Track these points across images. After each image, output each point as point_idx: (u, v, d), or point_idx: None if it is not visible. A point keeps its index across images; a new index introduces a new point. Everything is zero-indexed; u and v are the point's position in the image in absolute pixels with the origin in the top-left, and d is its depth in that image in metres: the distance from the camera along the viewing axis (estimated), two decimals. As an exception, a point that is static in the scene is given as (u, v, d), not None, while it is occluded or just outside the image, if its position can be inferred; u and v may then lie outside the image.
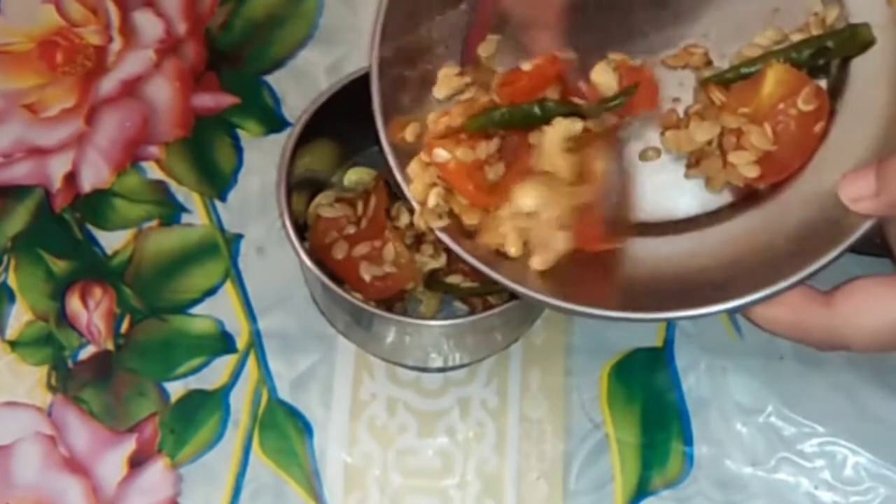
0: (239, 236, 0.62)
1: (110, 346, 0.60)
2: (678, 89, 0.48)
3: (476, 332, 0.53)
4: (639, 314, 0.44)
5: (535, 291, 0.45)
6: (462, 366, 0.58)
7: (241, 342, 0.60)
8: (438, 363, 0.56)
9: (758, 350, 0.59)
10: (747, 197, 0.46)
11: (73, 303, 0.60)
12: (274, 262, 0.61)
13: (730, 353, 0.59)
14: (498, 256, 0.46)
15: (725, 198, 0.46)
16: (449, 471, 0.57)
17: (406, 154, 0.48)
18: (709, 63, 0.48)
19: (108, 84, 0.65)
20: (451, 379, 0.59)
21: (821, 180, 0.44)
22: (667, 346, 0.59)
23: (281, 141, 0.53)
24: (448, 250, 0.53)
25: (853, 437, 0.57)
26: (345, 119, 0.55)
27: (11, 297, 0.61)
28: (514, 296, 0.50)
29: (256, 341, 0.60)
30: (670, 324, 0.60)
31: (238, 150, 0.64)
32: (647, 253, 0.46)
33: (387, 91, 0.49)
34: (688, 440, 0.57)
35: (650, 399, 0.58)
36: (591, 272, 0.46)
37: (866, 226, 0.42)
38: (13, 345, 0.60)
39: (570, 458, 0.57)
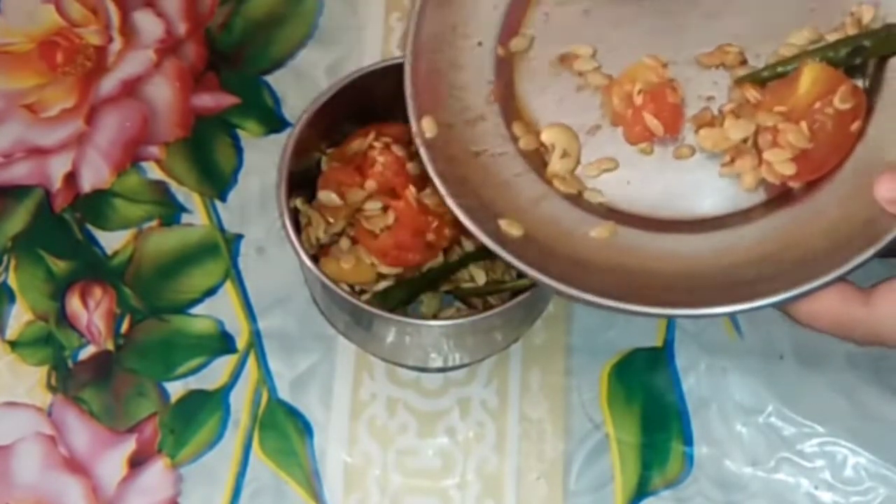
0: (239, 236, 0.62)
1: (110, 346, 0.60)
2: (712, 88, 0.48)
3: (476, 332, 0.53)
4: (672, 310, 0.44)
5: (564, 285, 0.45)
6: (462, 366, 0.58)
7: (241, 342, 0.60)
8: (438, 363, 0.56)
9: (758, 350, 0.59)
10: (781, 196, 0.46)
11: (73, 303, 0.60)
12: (274, 262, 0.61)
13: (730, 353, 0.59)
14: (522, 243, 0.46)
15: (759, 196, 0.46)
16: (449, 471, 0.57)
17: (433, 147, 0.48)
18: (743, 62, 0.48)
19: (108, 84, 0.65)
20: (451, 379, 0.59)
21: (857, 179, 0.44)
22: (667, 346, 0.59)
23: (281, 141, 0.52)
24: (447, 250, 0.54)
25: (853, 437, 0.57)
26: (345, 119, 0.55)
27: (11, 297, 0.61)
28: (514, 296, 0.50)
29: (256, 341, 0.60)
30: (670, 324, 0.60)
31: (238, 150, 0.64)
32: (680, 249, 0.46)
33: (420, 82, 0.49)
34: (688, 440, 0.57)
35: (650, 399, 0.58)
36: (622, 266, 0.46)
37: None
38: (13, 345, 0.60)
39: (570, 458, 0.57)
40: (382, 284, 0.53)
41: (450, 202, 0.47)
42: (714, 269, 0.45)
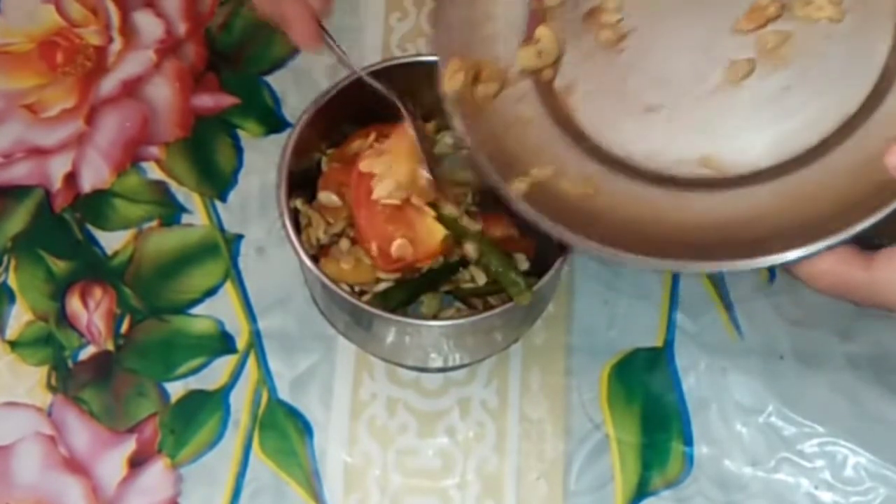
0: (239, 236, 0.62)
1: (110, 346, 0.60)
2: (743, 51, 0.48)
3: (476, 332, 0.53)
4: (684, 262, 0.44)
5: (586, 238, 0.45)
6: (462, 366, 0.58)
7: (241, 342, 0.60)
8: (438, 363, 0.56)
9: (758, 350, 0.59)
10: (795, 158, 0.46)
11: (73, 303, 0.60)
12: (274, 262, 0.61)
13: (730, 353, 0.59)
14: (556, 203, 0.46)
15: (773, 158, 0.46)
16: (449, 471, 0.57)
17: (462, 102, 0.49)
18: (783, 7, 0.48)
19: (108, 84, 0.65)
20: (451, 379, 0.59)
21: (870, 145, 0.44)
22: (667, 346, 0.59)
23: (281, 141, 0.52)
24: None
25: (853, 437, 0.57)
26: (345, 119, 0.55)
27: (11, 297, 0.61)
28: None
29: (256, 341, 0.60)
30: (671, 324, 0.60)
31: (238, 150, 0.64)
32: (693, 205, 0.46)
33: (449, 27, 0.50)
34: (688, 440, 0.57)
35: (650, 399, 0.58)
36: (635, 219, 0.46)
37: None
38: (13, 345, 0.60)
39: (570, 458, 0.57)
40: (383, 285, 0.53)
41: (471, 150, 0.48)
42: (723, 225, 0.45)
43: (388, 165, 0.51)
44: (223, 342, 0.60)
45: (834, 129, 0.46)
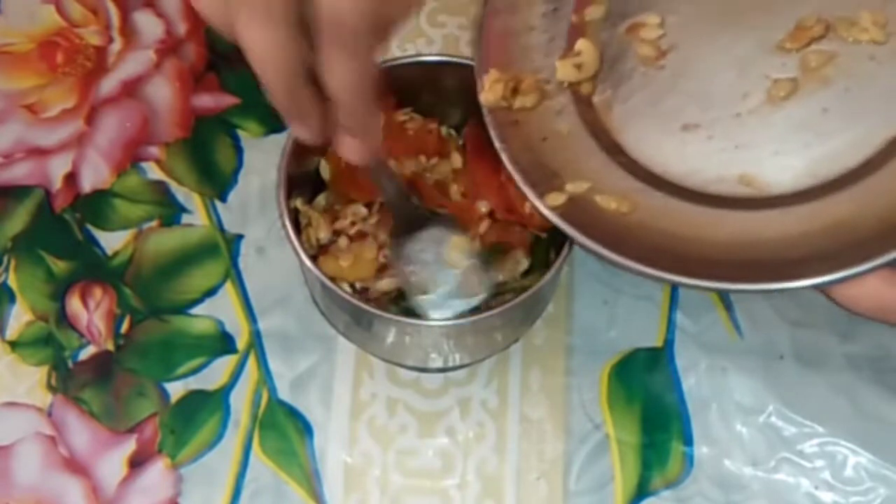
0: (239, 236, 0.62)
1: (110, 346, 0.60)
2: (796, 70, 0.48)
3: (476, 332, 0.53)
4: (725, 284, 0.44)
5: (623, 256, 0.45)
6: (462, 366, 0.58)
7: (241, 342, 0.60)
8: (438, 363, 0.56)
9: (758, 350, 0.59)
10: (837, 179, 0.46)
11: (73, 303, 0.60)
12: (274, 262, 0.61)
13: (730, 353, 0.59)
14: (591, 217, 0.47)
15: (815, 179, 0.46)
16: (449, 471, 0.57)
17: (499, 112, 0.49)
18: (828, 28, 0.48)
19: (108, 84, 0.65)
20: (451, 379, 0.59)
21: None
22: (667, 346, 0.59)
23: (281, 141, 0.52)
24: None
25: (853, 437, 0.57)
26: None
27: (11, 297, 0.61)
28: (514, 296, 0.50)
29: (256, 341, 0.60)
30: (671, 324, 0.60)
31: (238, 150, 0.64)
32: (731, 224, 0.46)
33: (490, 37, 0.50)
34: (688, 440, 0.57)
35: (650, 399, 0.58)
36: (671, 237, 0.46)
37: None
38: (13, 345, 0.60)
39: (570, 458, 0.57)
40: (385, 281, 0.53)
41: (506, 161, 0.48)
42: (762, 245, 0.45)
43: None
44: (223, 342, 0.60)
45: (875, 151, 0.46)
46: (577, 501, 0.57)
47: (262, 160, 0.63)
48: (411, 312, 0.53)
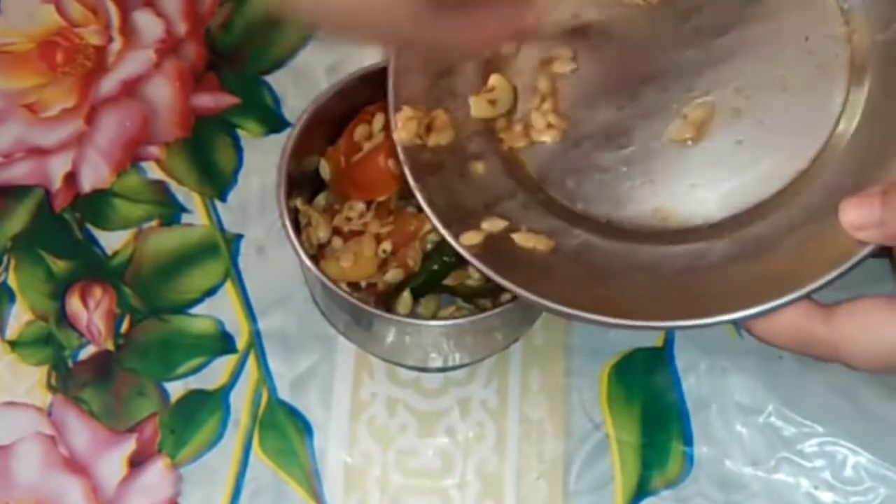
0: (239, 236, 0.62)
1: (110, 346, 0.60)
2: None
3: (476, 332, 0.53)
4: (640, 322, 0.44)
5: (544, 298, 0.44)
6: (462, 366, 0.58)
7: (241, 342, 0.60)
8: (438, 363, 0.56)
9: (758, 350, 0.58)
10: (754, 209, 0.46)
11: (73, 303, 0.60)
12: (274, 262, 0.61)
13: (730, 353, 0.59)
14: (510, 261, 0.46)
15: (731, 211, 0.46)
16: (449, 471, 0.57)
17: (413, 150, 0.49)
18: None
19: (108, 84, 0.65)
20: (451, 379, 0.59)
21: (828, 198, 0.44)
22: (667, 346, 0.59)
23: (281, 141, 0.52)
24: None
25: (853, 437, 0.57)
26: (345, 119, 0.55)
27: (11, 297, 0.61)
28: (514, 296, 0.50)
29: (256, 341, 0.60)
30: (670, 324, 0.60)
31: (238, 150, 0.64)
32: (649, 260, 0.46)
33: (403, 83, 0.49)
34: (688, 440, 0.57)
35: (650, 399, 0.58)
36: (590, 274, 0.46)
37: (866, 252, 0.41)
38: (13, 345, 0.60)
39: (570, 458, 0.57)
40: (389, 275, 0.53)
41: (422, 201, 0.47)
42: (680, 281, 0.45)
43: None
44: (223, 342, 0.60)
45: (787, 183, 0.46)
46: (577, 501, 0.57)
47: (262, 160, 0.63)
48: (411, 313, 0.53)
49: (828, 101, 0.46)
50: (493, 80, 0.50)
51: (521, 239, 0.47)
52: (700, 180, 0.47)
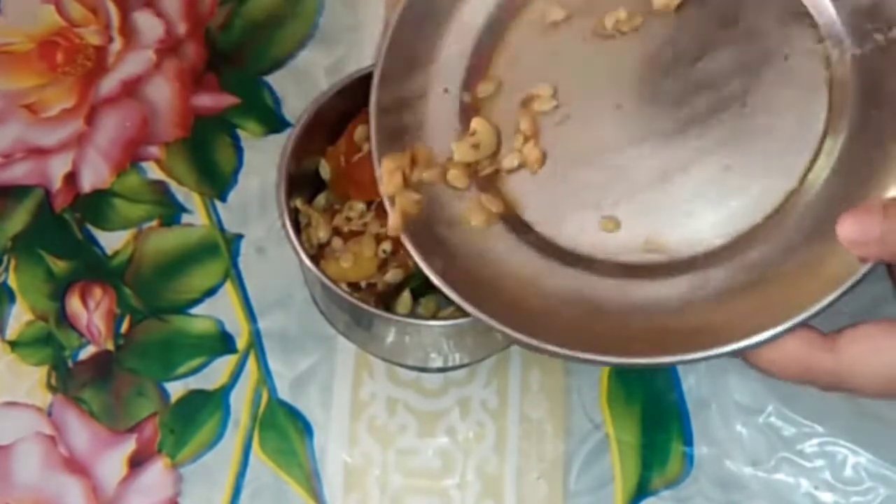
0: (239, 236, 0.62)
1: (110, 346, 0.60)
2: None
3: (476, 332, 0.53)
4: (641, 359, 0.43)
5: (543, 342, 0.44)
6: (462, 366, 0.58)
7: (241, 342, 0.60)
8: (438, 363, 0.56)
9: (758, 350, 0.59)
10: (749, 233, 0.46)
11: (73, 303, 0.60)
12: (274, 262, 0.61)
13: (730, 353, 0.59)
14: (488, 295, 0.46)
15: (725, 238, 0.46)
16: (449, 471, 0.57)
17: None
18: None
19: (108, 84, 0.65)
20: (451, 379, 0.59)
21: (820, 217, 0.44)
22: (667, 346, 0.59)
23: (281, 141, 0.52)
24: None
25: (853, 437, 0.57)
26: (345, 119, 0.55)
27: (11, 297, 0.61)
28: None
29: (256, 341, 0.60)
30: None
31: (238, 150, 0.64)
32: (647, 296, 0.46)
33: (384, 134, 0.49)
34: (688, 440, 0.57)
35: (650, 399, 0.58)
36: (591, 317, 0.46)
37: (864, 270, 0.41)
38: (13, 345, 0.60)
39: (570, 458, 0.57)
40: (389, 275, 0.53)
41: (409, 246, 0.47)
42: (681, 314, 0.45)
43: None
44: (223, 342, 0.60)
45: (778, 205, 0.45)
46: (577, 501, 0.57)
47: (262, 160, 0.63)
48: (411, 312, 0.53)
49: (812, 119, 0.46)
50: (475, 123, 0.49)
51: (512, 282, 0.47)
52: (691, 208, 0.46)
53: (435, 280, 0.46)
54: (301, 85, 0.65)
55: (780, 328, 0.41)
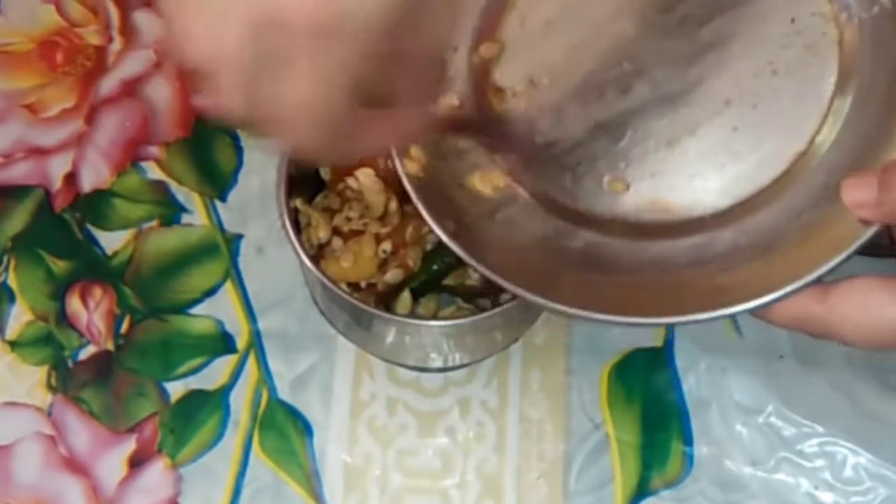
0: (239, 236, 0.62)
1: (110, 346, 0.60)
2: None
3: (476, 332, 0.53)
4: (649, 319, 0.43)
5: (552, 301, 0.44)
6: (462, 366, 0.58)
7: (241, 342, 0.60)
8: (438, 363, 0.56)
9: (758, 350, 0.59)
10: (756, 195, 0.46)
11: (73, 303, 0.60)
12: (274, 262, 0.61)
13: (730, 353, 0.59)
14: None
15: (734, 198, 0.46)
16: (449, 471, 0.57)
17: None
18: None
19: (108, 84, 0.65)
20: (451, 379, 0.59)
21: (827, 180, 0.44)
22: (667, 346, 0.59)
23: (281, 141, 0.52)
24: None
25: (853, 437, 0.57)
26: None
27: (11, 297, 0.61)
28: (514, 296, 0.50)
29: (256, 341, 0.60)
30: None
31: (238, 150, 0.64)
32: (656, 255, 0.46)
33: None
34: (688, 440, 0.57)
35: (650, 399, 0.58)
36: (602, 278, 0.46)
37: (870, 232, 0.41)
38: (13, 345, 0.60)
39: (570, 458, 0.57)
40: (389, 275, 0.53)
41: (416, 199, 0.46)
42: (690, 275, 0.45)
43: None
44: (223, 342, 0.60)
45: (787, 167, 0.45)
46: (577, 501, 0.57)
47: (262, 160, 0.63)
48: (411, 312, 0.53)
49: (820, 82, 0.46)
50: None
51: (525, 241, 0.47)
52: (699, 170, 0.47)
53: (447, 240, 0.46)
54: (301, 85, 0.65)
55: (787, 289, 0.41)
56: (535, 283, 0.45)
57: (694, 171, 0.47)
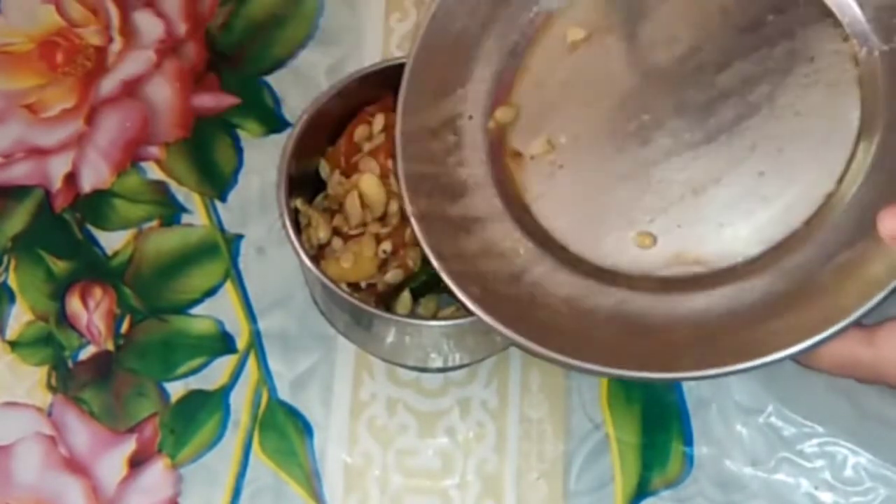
0: (239, 236, 0.62)
1: (110, 346, 0.60)
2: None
3: (476, 332, 0.53)
4: (688, 373, 0.43)
5: (589, 362, 0.44)
6: (462, 366, 0.58)
7: (241, 342, 0.60)
8: (438, 363, 0.56)
9: (758, 350, 0.59)
10: (788, 239, 0.45)
11: (73, 303, 0.60)
12: (274, 262, 0.61)
13: (730, 354, 0.59)
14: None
15: (765, 244, 0.45)
16: (449, 471, 0.57)
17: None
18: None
19: (108, 84, 0.65)
20: (451, 379, 0.59)
21: (859, 217, 0.43)
22: (667, 347, 0.59)
23: (281, 141, 0.52)
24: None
25: (853, 437, 0.57)
26: (345, 119, 0.55)
27: (11, 297, 0.61)
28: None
29: (256, 341, 0.60)
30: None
31: (238, 150, 0.64)
32: (691, 310, 0.45)
33: (411, 166, 0.49)
34: (688, 440, 0.57)
35: (650, 399, 0.58)
36: (635, 334, 0.45)
37: None
38: (13, 345, 0.60)
39: (570, 458, 0.57)
40: (389, 275, 0.53)
41: (440, 271, 0.47)
42: (726, 325, 0.44)
43: None
44: (223, 342, 0.60)
45: (816, 208, 0.45)
46: (577, 501, 0.57)
47: (262, 160, 0.63)
48: (411, 312, 0.53)
49: (844, 120, 0.45)
50: (499, 112, 0.50)
51: (549, 300, 0.46)
52: (728, 218, 0.46)
53: (472, 307, 0.46)
54: (301, 85, 0.65)
55: (827, 332, 0.41)
56: (568, 345, 0.44)
57: (722, 219, 0.46)
